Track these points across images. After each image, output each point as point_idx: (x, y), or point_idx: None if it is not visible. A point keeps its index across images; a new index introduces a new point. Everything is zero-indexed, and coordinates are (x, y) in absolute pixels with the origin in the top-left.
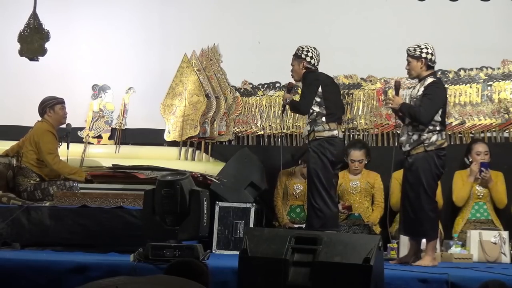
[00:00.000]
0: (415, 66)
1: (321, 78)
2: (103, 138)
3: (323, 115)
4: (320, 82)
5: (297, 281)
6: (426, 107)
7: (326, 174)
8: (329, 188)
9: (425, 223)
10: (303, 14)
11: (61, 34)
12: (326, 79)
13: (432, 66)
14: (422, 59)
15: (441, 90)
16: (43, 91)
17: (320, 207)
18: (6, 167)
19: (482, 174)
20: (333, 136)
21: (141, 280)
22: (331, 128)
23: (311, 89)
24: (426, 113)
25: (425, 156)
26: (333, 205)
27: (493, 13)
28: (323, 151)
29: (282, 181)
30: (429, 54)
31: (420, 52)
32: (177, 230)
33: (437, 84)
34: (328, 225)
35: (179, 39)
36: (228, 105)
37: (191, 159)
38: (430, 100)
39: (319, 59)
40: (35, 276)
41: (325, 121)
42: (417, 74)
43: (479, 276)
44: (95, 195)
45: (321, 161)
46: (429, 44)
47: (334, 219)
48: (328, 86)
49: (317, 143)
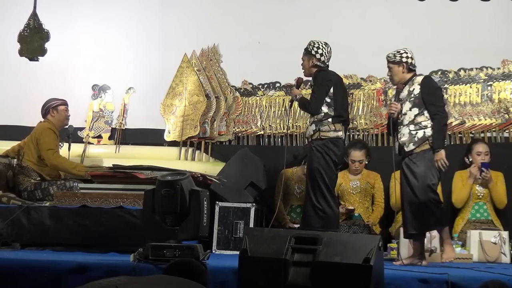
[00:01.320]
0: (397, 72)
1: (333, 79)
2: (103, 138)
3: (330, 116)
4: (332, 83)
5: (297, 281)
6: (437, 104)
7: (329, 174)
8: (332, 189)
9: (436, 213)
10: (303, 14)
11: (61, 34)
12: (337, 79)
13: (413, 69)
14: (403, 63)
15: (437, 83)
16: (43, 91)
17: (323, 208)
18: (6, 167)
19: (482, 174)
20: (338, 137)
21: (141, 280)
22: (337, 129)
23: (322, 90)
24: (440, 110)
25: (429, 153)
26: (335, 205)
27: (493, 13)
28: (327, 151)
29: (282, 181)
30: (409, 58)
31: (400, 57)
32: (177, 230)
33: (428, 78)
34: (329, 226)
35: (179, 39)
36: (228, 105)
37: (191, 159)
38: (434, 95)
39: (330, 56)
40: (35, 276)
41: (331, 122)
42: (399, 79)
43: (479, 276)
44: (95, 195)
45: (325, 161)
46: (408, 49)
47: (335, 220)
48: (337, 87)
49: (322, 143)
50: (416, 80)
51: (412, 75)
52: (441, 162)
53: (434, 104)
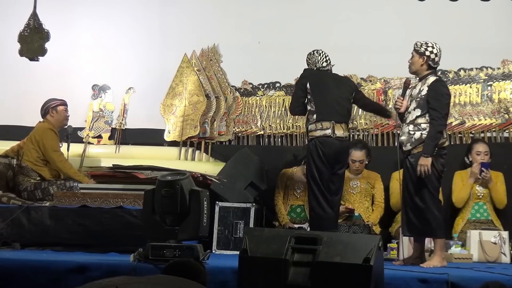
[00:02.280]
0: (416, 62)
1: (308, 75)
2: (103, 138)
3: (314, 113)
4: (306, 79)
5: (297, 281)
6: (438, 111)
7: (321, 174)
8: (325, 189)
9: (432, 222)
10: (303, 14)
11: (61, 34)
12: (315, 75)
13: (433, 66)
14: (425, 56)
15: (445, 86)
16: (43, 91)
17: (314, 208)
18: (6, 167)
19: (482, 174)
20: (325, 135)
21: (141, 280)
22: (324, 127)
23: (296, 89)
24: (440, 117)
25: None
26: (328, 207)
27: (493, 13)
28: (315, 151)
29: (282, 181)
30: (433, 53)
31: (425, 49)
32: (177, 230)
33: (440, 82)
34: (323, 227)
35: (179, 39)
36: (228, 105)
37: (191, 159)
38: (438, 101)
39: (328, 59)
40: (35, 276)
41: (316, 120)
42: (416, 69)
43: (479, 276)
44: (95, 195)
45: (313, 161)
46: (437, 45)
47: (330, 221)
48: (315, 83)
49: (311, 143)
50: (428, 80)
51: (429, 73)
52: (423, 168)
53: (436, 110)
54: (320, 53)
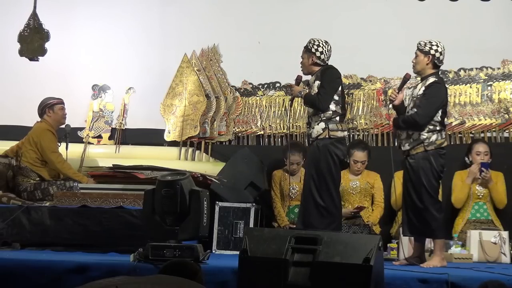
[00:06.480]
0: (421, 61)
1: (341, 77)
2: (103, 138)
3: (338, 114)
4: (340, 81)
5: (297, 281)
6: (423, 108)
7: (337, 173)
8: (338, 188)
9: (432, 223)
10: (303, 14)
11: (61, 34)
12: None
13: (438, 65)
14: (430, 55)
15: (441, 90)
16: (43, 91)
17: (327, 206)
18: (6, 167)
19: (482, 174)
20: (344, 136)
21: (141, 280)
22: (343, 129)
23: (332, 87)
24: (423, 115)
25: (425, 156)
26: (340, 205)
27: (493, 13)
28: (335, 151)
29: (276, 182)
30: (437, 52)
31: (430, 48)
32: (177, 230)
33: (437, 85)
34: (332, 225)
35: (179, 39)
36: (228, 105)
37: (191, 159)
38: (427, 100)
39: (330, 54)
40: (35, 276)
41: (339, 121)
42: (421, 69)
43: (479, 276)
44: (95, 195)
45: (333, 160)
46: (441, 43)
47: (339, 219)
48: (342, 86)
49: (330, 141)
50: (428, 81)
51: (431, 73)
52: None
53: (421, 107)
54: (330, 48)
